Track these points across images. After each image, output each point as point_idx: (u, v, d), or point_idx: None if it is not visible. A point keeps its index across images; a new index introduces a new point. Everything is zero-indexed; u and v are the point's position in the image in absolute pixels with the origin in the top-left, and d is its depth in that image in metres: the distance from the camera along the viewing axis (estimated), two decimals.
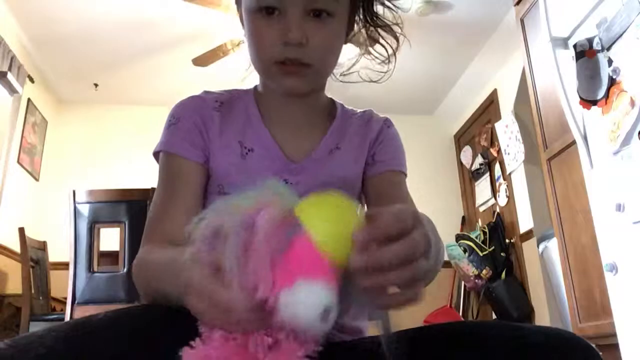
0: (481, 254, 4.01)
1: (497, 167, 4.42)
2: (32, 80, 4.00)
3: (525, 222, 3.95)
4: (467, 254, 4.08)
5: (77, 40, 3.89)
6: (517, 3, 2.75)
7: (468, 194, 4.95)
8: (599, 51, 1.93)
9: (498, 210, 4.32)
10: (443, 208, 4.81)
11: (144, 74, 4.36)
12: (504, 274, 3.95)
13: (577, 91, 2.00)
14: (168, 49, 4.01)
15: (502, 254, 4.02)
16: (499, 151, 4.32)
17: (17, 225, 3.05)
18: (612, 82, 1.87)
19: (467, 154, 4.94)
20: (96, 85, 4.47)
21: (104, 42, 3.92)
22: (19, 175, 4.01)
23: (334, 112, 0.88)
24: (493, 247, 4.03)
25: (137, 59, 4.15)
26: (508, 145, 4.14)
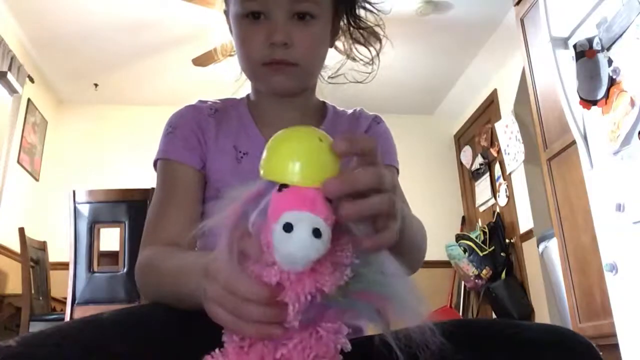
0: (481, 254, 4.01)
1: (497, 167, 4.42)
2: (32, 80, 4.00)
3: (525, 222, 3.95)
4: (467, 254, 4.08)
5: (77, 40, 3.89)
6: (517, 3, 2.74)
7: (468, 194, 4.95)
8: (599, 51, 1.93)
9: (498, 210, 4.32)
10: (443, 208, 4.81)
11: (144, 74, 4.36)
12: (504, 274, 3.95)
13: (577, 91, 2.00)
14: (168, 49, 4.01)
15: (502, 254, 4.02)
16: (499, 151, 4.32)
17: (17, 225, 3.05)
18: (612, 82, 1.86)
19: (467, 154, 4.94)
20: (96, 85, 4.47)
21: (103, 42, 3.92)
22: (19, 175, 4.01)
23: (325, 113, 0.90)
24: (493, 247, 4.03)
25: (137, 59, 4.15)
26: (508, 145, 4.14)
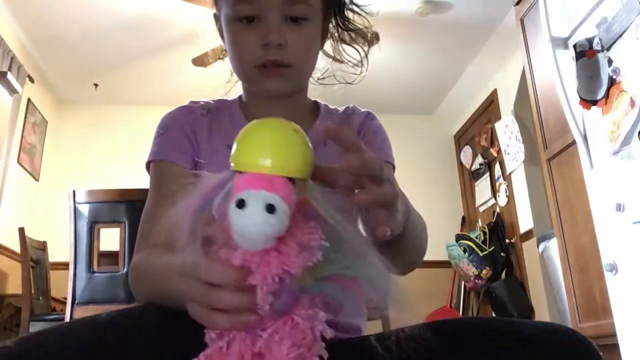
0: (481, 254, 4.01)
1: (497, 167, 4.42)
2: (32, 80, 4.00)
3: (525, 222, 3.95)
4: (467, 254, 4.08)
5: (77, 40, 3.89)
6: (517, 3, 2.74)
7: (468, 194, 4.95)
8: (599, 51, 1.93)
9: (498, 210, 4.32)
10: (443, 208, 4.81)
11: (144, 74, 4.36)
12: (504, 274, 3.95)
13: (577, 91, 2.00)
14: (168, 49, 4.01)
15: (502, 254, 4.02)
16: (499, 151, 4.32)
17: (17, 225, 3.04)
18: (612, 82, 1.87)
19: (467, 154, 4.94)
20: (96, 85, 4.47)
21: (104, 42, 3.92)
22: (19, 175, 4.01)
23: (318, 112, 0.90)
24: (493, 247, 4.03)
25: (137, 59, 4.15)
26: (508, 145, 4.14)
